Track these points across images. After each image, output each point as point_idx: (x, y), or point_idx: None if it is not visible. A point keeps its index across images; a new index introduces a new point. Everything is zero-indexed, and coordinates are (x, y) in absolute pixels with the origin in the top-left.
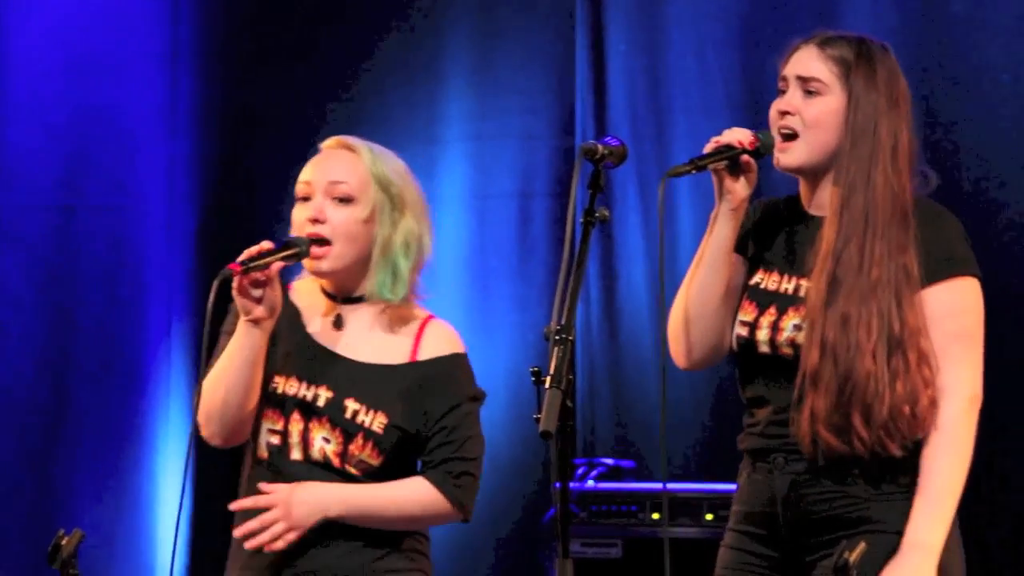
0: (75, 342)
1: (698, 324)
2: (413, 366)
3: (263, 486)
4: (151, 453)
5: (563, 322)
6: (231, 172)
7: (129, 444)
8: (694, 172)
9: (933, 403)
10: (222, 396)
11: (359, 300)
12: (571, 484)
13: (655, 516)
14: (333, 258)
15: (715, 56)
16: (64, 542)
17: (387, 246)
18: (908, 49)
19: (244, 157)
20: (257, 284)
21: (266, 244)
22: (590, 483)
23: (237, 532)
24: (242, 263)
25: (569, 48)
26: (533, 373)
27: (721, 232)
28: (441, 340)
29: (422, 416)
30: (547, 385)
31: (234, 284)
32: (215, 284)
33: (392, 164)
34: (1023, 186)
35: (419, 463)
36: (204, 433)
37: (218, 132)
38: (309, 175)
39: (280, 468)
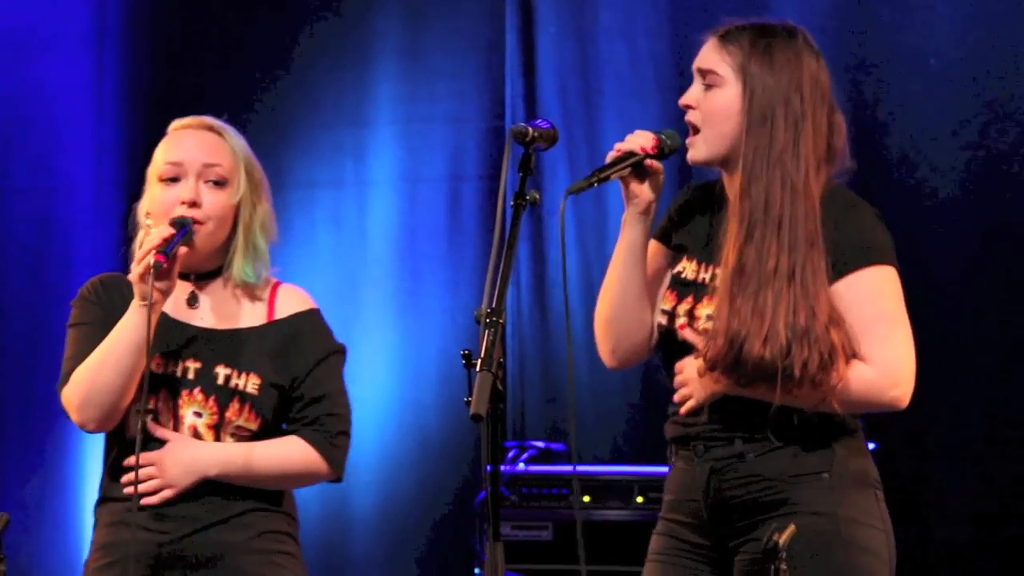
0: (1, 325)
1: (620, 324)
2: (271, 325)
3: (157, 430)
4: (77, 435)
5: (494, 305)
6: None
7: (56, 427)
8: (596, 185)
9: (846, 382)
10: (106, 380)
11: (211, 276)
12: (502, 467)
13: (586, 499)
14: (204, 236)
15: (645, 39)
16: None
17: (249, 229)
18: (838, 34)
19: None
20: (163, 273)
21: (170, 230)
22: (521, 466)
23: (123, 479)
24: (164, 253)
25: (499, 31)
26: (464, 356)
27: (632, 235)
28: (294, 299)
29: (287, 373)
30: (478, 368)
31: (136, 272)
32: (143, 274)
33: (247, 146)
34: (950, 169)
35: (287, 419)
36: (78, 419)
37: (145, 113)
38: (178, 155)
39: (149, 448)
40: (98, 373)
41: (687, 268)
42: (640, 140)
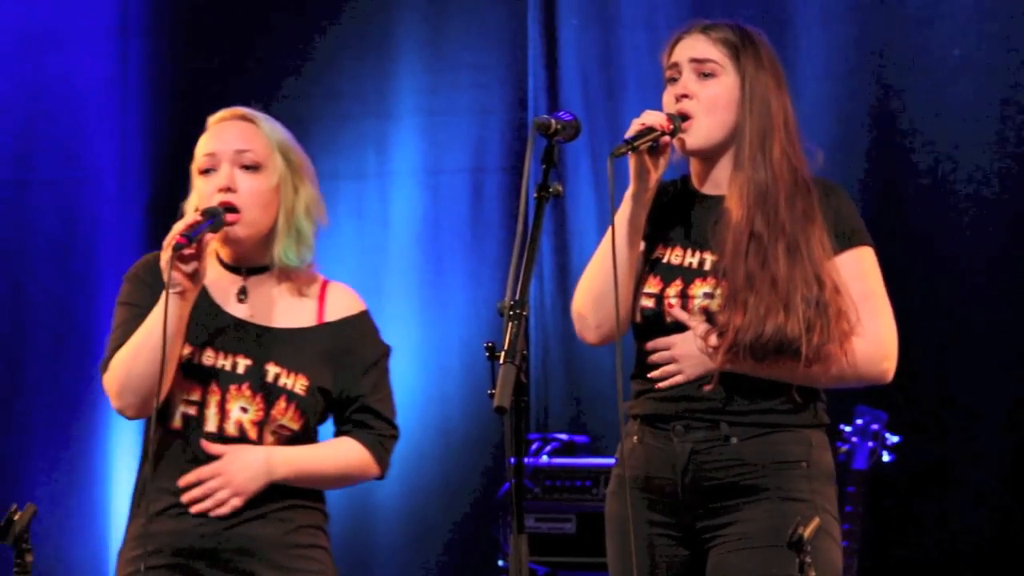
0: (28, 317)
1: (610, 298)
2: (322, 328)
3: (210, 447)
4: (104, 427)
5: (517, 297)
6: (182, 144)
7: (82, 418)
8: (629, 152)
9: (851, 349)
10: (142, 368)
11: (261, 270)
12: (525, 460)
13: None
14: (246, 224)
15: (667, 29)
16: (17, 517)
17: (291, 213)
18: (861, 26)
19: (195, 129)
20: (189, 258)
21: (197, 216)
22: (544, 458)
23: (183, 498)
24: (185, 235)
25: (521, 22)
26: (487, 348)
27: (634, 211)
28: (345, 300)
29: (341, 377)
30: (501, 360)
31: (164, 259)
32: (171, 258)
33: (285, 132)
34: (973, 160)
35: (336, 421)
36: (117, 405)
37: (169, 104)
38: (212, 146)
39: (194, 440)
40: (134, 361)
41: (669, 255)
42: (656, 118)
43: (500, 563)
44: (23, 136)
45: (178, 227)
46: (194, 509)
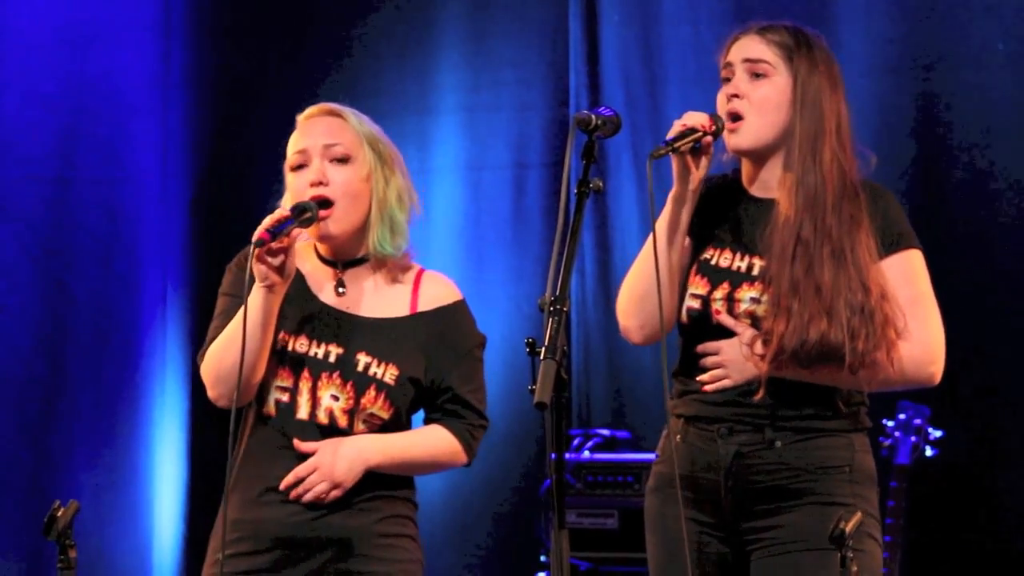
0: (71, 314)
1: (654, 300)
2: (415, 318)
3: (301, 445)
4: (147, 424)
5: (558, 293)
6: (225, 142)
7: (125, 415)
8: (670, 153)
9: (897, 355)
10: (233, 359)
11: (358, 262)
12: (567, 455)
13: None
14: (337, 220)
15: (708, 26)
16: (60, 514)
17: (383, 202)
18: (904, 20)
19: (237, 127)
20: (276, 251)
21: (284, 212)
22: (586, 454)
23: (292, 495)
24: (269, 231)
25: (562, 19)
26: (528, 344)
27: (678, 212)
28: (440, 290)
29: (432, 367)
30: (542, 356)
31: (254, 253)
32: (253, 253)
33: (373, 125)
34: (1016, 154)
35: (426, 409)
36: (212, 394)
37: (211, 102)
38: (302, 143)
39: (286, 426)
40: (226, 352)
41: (718, 256)
42: (698, 118)
43: (542, 558)
44: (66, 134)
45: (265, 222)
46: (305, 499)
